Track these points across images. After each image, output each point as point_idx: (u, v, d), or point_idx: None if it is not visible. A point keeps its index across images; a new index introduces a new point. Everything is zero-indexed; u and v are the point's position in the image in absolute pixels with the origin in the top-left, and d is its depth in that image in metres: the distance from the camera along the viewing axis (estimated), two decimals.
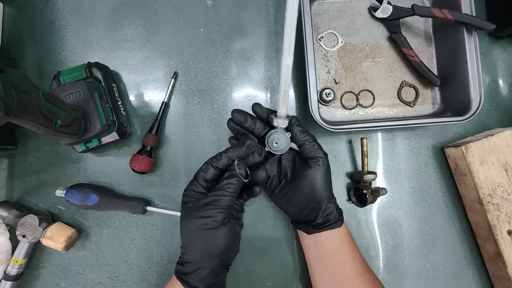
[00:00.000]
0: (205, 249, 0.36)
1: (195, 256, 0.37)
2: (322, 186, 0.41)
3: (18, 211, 0.48)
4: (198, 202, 0.36)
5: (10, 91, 0.29)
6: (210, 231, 0.35)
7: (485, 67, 0.53)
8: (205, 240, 0.36)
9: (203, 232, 0.35)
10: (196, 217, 0.36)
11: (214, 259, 0.37)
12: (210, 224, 0.35)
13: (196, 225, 0.36)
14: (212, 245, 0.36)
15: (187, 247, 0.37)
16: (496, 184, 0.46)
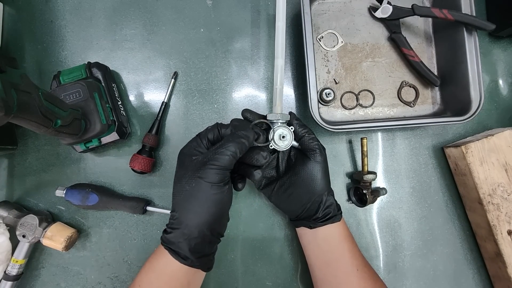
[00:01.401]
0: (198, 214, 0.34)
1: (186, 221, 0.34)
2: (323, 177, 0.42)
3: (18, 211, 0.47)
4: (196, 160, 0.35)
5: (10, 91, 0.29)
6: (206, 193, 0.34)
7: (485, 67, 0.53)
8: (199, 204, 0.34)
9: (198, 194, 0.34)
10: (192, 177, 0.34)
11: (207, 225, 0.35)
12: (206, 187, 0.33)
13: (192, 186, 0.34)
14: (206, 209, 0.34)
15: (179, 210, 0.35)
16: (496, 184, 0.46)
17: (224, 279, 0.50)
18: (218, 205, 0.35)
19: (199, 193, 0.34)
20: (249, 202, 0.51)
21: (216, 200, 0.35)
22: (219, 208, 0.35)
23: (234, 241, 0.50)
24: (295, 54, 0.52)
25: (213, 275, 0.50)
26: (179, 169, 0.37)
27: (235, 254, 0.50)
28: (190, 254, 0.35)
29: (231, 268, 0.50)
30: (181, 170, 0.37)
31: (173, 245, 0.35)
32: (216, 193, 0.34)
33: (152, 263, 0.37)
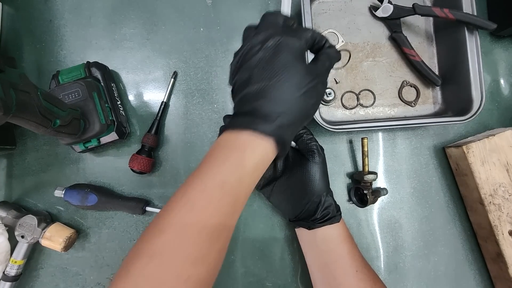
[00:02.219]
0: (293, 97, 0.28)
1: (278, 105, 0.27)
2: (321, 178, 0.41)
3: (17, 211, 0.47)
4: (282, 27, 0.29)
5: (9, 90, 0.29)
6: (304, 65, 0.27)
7: (486, 66, 0.53)
8: (296, 78, 0.27)
9: (296, 63, 0.27)
10: (290, 40, 0.28)
11: (303, 112, 0.28)
12: (301, 54, 0.27)
13: (290, 51, 0.27)
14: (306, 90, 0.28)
15: (266, 90, 0.27)
16: (498, 184, 0.46)
17: (224, 280, 0.49)
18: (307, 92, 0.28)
19: (295, 62, 0.28)
20: (249, 202, 0.50)
21: (304, 80, 0.28)
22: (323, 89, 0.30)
23: (234, 242, 0.50)
24: None
25: None
26: (259, 35, 0.30)
27: (235, 255, 0.50)
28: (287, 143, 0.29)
29: (231, 269, 0.50)
30: (266, 30, 0.29)
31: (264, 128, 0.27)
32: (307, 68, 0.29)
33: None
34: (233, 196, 0.27)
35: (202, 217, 0.26)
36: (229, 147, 0.28)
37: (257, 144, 0.27)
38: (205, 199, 0.26)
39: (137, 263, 0.24)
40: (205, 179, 0.27)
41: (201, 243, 0.25)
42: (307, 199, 0.41)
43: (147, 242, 0.25)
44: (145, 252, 0.25)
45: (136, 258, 0.25)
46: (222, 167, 0.27)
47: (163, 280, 0.24)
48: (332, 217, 0.41)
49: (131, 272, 0.24)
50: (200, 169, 0.28)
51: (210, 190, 0.26)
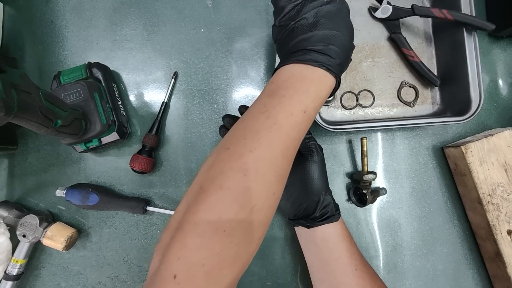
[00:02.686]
0: (350, 47, 0.34)
1: (342, 51, 0.32)
2: (320, 177, 0.42)
3: (19, 211, 0.48)
4: None
5: (11, 91, 0.30)
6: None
7: (485, 67, 0.53)
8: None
9: (350, 21, 0.34)
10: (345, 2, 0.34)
11: (349, 60, 0.35)
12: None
13: (348, 11, 0.34)
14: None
15: (336, 37, 0.32)
16: (496, 184, 0.46)
17: None
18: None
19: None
20: None
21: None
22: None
23: None
24: None
25: None
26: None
27: None
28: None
29: None
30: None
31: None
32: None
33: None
34: (308, 122, 0.31)
35: (287, 139, 0.28)
36: (309, 78, 0.31)
37: (329, 80, 0.31)
38: (291, 124, 0.29)
39: (232, 177, 0.26)
40: (291, 105, 0.29)
41: (284, 164, 0.29)
42: (306, 198, 0.42)
43: (237, 160, 0.27)
44: (238, 168, 0.26)
45: (228, 173, 0.26)
46: (305, 95, 0.30)
47: (258, 192, 0.26)
48: (331, 216, 0.41)
49: (225, 185, 0.25)
50: (283, 95, 0.30)
51: (295, 115, 0.29)
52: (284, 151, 0.28)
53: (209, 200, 0.25)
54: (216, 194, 0.25)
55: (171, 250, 0.24)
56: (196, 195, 0.26)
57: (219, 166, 0.27)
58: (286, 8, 0.34)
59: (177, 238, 0.24)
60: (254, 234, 0.27)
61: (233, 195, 0.25)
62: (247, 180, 0.26)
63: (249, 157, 0.26)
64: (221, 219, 0.24)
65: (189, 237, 0.24)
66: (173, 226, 0.26)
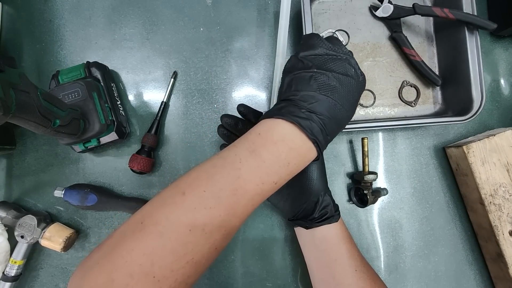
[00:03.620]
0: (343, 126, 0.33)
1: (338, 126, 0.31)
2: (318, 177, 0.41)
3: (17, 211, 0.47)
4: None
5: (9, 90, 0.29)
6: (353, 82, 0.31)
7: (487, 66, 0.53)
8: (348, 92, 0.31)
9: (346, 80, 0.31)
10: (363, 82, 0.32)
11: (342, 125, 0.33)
12: (351, 73, 0.31)
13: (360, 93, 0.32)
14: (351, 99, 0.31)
15: (336, 112, 0.30)
16: (498, 184, 0.46)
17: (224, 281, 0.49)
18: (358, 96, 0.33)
19: (347, 78, 0.31)
20: None
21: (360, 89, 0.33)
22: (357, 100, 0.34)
23: (234, 242, 0.50)
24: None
25: (213, 276, 0.49)
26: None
27: (235, 255, 0.50)
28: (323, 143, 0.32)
29: (231, 269, 0.50)
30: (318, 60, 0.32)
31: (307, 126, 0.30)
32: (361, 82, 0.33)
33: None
34: (274, 190, 0.31)
35: (247, 204, 0.29)
36: (296, 150, 0.30)
37: (312, 155, 0.31)
38: (257, 191, 0.29)
39: (176, 229, 0.25)
40: (265, 174, 0.29)
41: (236, 223, 0.28)
42: (305, 198, 0.41)
43: (188, 213, 0.26)
44: (186, 221, 0.26)
45: (174, 223, 0.25)
46: (284, 168, 0.29)
47: (199, 248, 0.26)
48: (330, 216, 0.41)
49: (167, 235, 0.25)
50: (264, 159, 0.29)
51: (266, 185, 0.29)
52: (241, 214, 0.28)
53: (146, 243, 0.24)
54: (154, 240, 0.24)
55: (95, 278, 0.23)
56: (134, 230, 0.25)
57: (167, 210, 0.26)
58: (318, 50, 0.32)
59: (105, 268, 0.24)
60: (187, 280, 0.26)
61: (171, 247, 0.24)
62: (191, 236, 0.25)
63: (201, 214, 0.26)
64: (153, 265, 0.24)
65: (117, 273, 0.23)
66: (105, 250, 0.25)
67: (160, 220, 0.25)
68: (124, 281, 0.23)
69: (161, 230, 0.25)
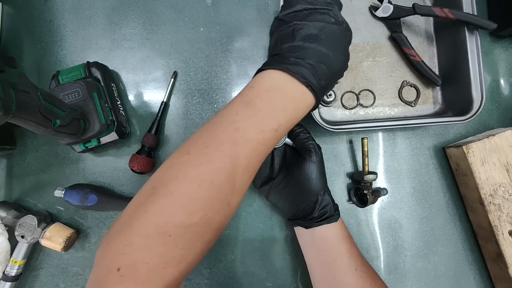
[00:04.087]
0: (339, 74, 0.33)
1: (332, 74, 0.32)
2: (318, 177, 0.41)
3: (17, 211, 0.47)
4: None
5: (9, 90, 0.29)
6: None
7: (487, 66, 0.53)
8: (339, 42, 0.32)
9: (348, 50, 0.33)
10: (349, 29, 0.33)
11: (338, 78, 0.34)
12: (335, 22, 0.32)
13: (350, 40, 0.33)
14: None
15: (328, 59, 0.31)
16: (498, 184, 0.46)
17: (224, 280, 0.49)
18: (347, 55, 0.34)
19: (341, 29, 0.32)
20: (249, 202, 0.50)
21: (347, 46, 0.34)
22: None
23: (234, 241, 0.50)
24: None
25: (213, 276, 0.49)
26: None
27: (235, 255, 0.50)
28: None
29: (231, 269, 0.50)
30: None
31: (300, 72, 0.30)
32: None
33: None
34: (277, 140, 0.30)
35: (251, 154, 0.28)
36: (290, 95, 0.30)
37: (309, 101, 0.31)
38: (259, 140, 0.28)
39: (185, 185, 0.26)
40: (264, 122, 0.29)
41: (245, 177, 0.28)
42: (304, 198, 0.41)
43: (195, 169, 0.26)
44: (193, 177, 0.26)
45: (182, 180, 0.26)
46: (281, 113, 0.29)
47: (210, 203, 0.26)
48: (329, 216, 0.41)
49: (177, 192, 0.26)
50: (258, 108, 0.29)
51: (266, 133, 0.29)
52: (247, 165, 0.28)
53: (158, 203, 0.25)
54: (165, 199, 0.25)
55: (117, 244, 0.24)
56: (147, 195, 0.26)
57: (175, 170, 0.27)
58: (297, 6, 0.33)
59: (123, 234, 0.25)
60: (203, 238, 0.26)
61: (182, 203, 0.25)
62: (200, 191, 0.26)
63: (207, 168, 0.26)
64: (167, 224, 0.24)
65: (134, 236, 0.24)
66: (123, 219, 0.26)
67: (169, 180, 0.26)
68: (141, 242, 0.24)
69: (171, 189, 0.25)
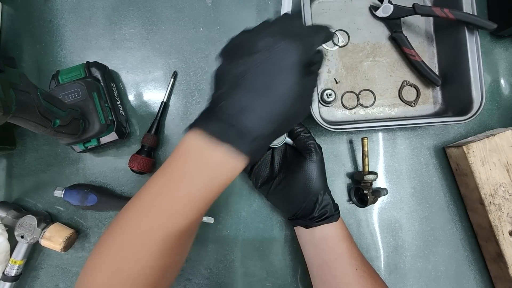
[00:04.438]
0: (283, 118, 0.26)
1: (264, 122, 0.25)
2: (318, 176, 0.41)
3: (17, 211, 0.47)
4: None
5: (9, 90, 0.29)
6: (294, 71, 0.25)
7: (487, 66, 0.53)
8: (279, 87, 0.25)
9: (293, 79, 0.25)
10: (297, 48, 0.25)
11: (283, 131, 0.29)
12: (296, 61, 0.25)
13: (293, 64, 0.25)
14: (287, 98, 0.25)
15: (256, 103, 0.25)
16: (498, 184, 0.46)
17: (224, 281, 0.49)
18: (299, 102, 0.26)
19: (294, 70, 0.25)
20: (249, 202, 0.50)
21: (300, 89, 0.26)
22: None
23: (234, 241, 0.50)
24: None
25: (213, 276, 0.49)
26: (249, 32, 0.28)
27: (235, 255, 0.50)
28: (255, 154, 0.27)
29: (231, 269, 0.49)
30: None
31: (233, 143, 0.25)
32: (303, 77, 0.26)
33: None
34: (195, 210, 0.27)
35: (168, 224, 0.27)
36: (203, 161, 0.26)
37: (233, 164, 0.26)
38: (173, 210, 0.26)
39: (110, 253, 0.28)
40: (174, 191, 0.26)
41: (163, 251, 0.27)
42: (304, 197, 0.41)
43: (112, 239, 0.28)
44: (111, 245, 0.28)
45: (108, 249, 0.28)
46: (194, 181, 0.26)
47: (131, 269, 0.27)
48: (329, 216, 0.41)
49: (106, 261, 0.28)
50: (171, 176, 0.27)
51: (178, 202, 0.26)
52: (166, 238, 0.27)
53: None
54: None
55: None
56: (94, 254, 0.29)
57: (106, 240, 0.29)
58: (239, 37, 0.29)
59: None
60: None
61: (108, 266, 0.27)
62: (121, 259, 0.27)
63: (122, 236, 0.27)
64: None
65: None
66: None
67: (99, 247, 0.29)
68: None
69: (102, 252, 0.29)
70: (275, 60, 0.25)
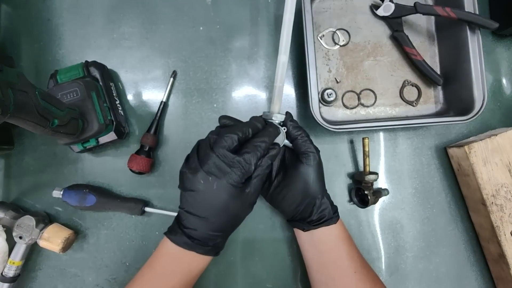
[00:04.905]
0: (212, 222, 0.35)
1: (219, 227, 0.36)
2: (315, 181, 0.41)
3: (15, 212, 0.47)
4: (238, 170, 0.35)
5: (7, 90, 0.29)
6: (226, 197, 0.34)
7: (489, 66, 0.52)
8: (216, 210, 0.35)
9: (233, 203, 0.35)
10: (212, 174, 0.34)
11: (235, 226, 0.38)
12: (226, 189, 0.34)
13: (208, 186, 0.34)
14: (223, 217, 0.36)
15: (210, 218, 0.35)
16: (500, 184, 0.46)
17: (224, 281, 0.49)
18: (237, 212, 0.37)
19: (218, 196, 0.35)
20: None
21: (236, 206, 0.36)
22: (237, 215, 0.37)
23: (234, 242, 0.49)
24: (295, 53, 0.52)
25: (213, 277, 0.49)
26: (195, 158, 0.37)
27: (235, 256, 0.49)
28: (212, 252, 0.37)
29: (231, 270, 0.49)
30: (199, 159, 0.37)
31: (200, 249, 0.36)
32: (237, 198, 0.35)
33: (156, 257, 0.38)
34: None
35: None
36: (179, 261, 0.36)
37: (199, 260, 0.37)
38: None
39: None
40: (161, 283, 0.37)
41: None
42: (301, 201, 0.41)
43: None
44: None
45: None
46: (174, 275, 0.36)
47: None
48: (328, 219, 0.40)
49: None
50: (155, 271, 0.37)
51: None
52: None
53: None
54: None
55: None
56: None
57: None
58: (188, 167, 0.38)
59: None
60: None
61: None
62: None
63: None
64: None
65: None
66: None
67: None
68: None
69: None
70: (212, 194, 0.35)
